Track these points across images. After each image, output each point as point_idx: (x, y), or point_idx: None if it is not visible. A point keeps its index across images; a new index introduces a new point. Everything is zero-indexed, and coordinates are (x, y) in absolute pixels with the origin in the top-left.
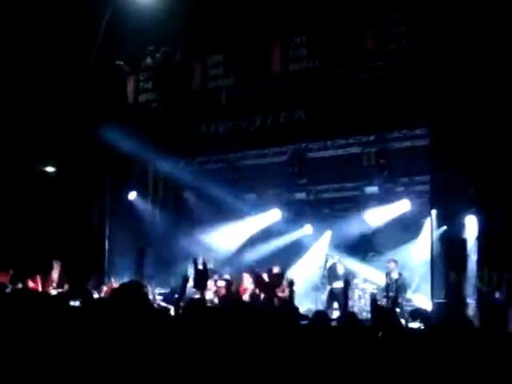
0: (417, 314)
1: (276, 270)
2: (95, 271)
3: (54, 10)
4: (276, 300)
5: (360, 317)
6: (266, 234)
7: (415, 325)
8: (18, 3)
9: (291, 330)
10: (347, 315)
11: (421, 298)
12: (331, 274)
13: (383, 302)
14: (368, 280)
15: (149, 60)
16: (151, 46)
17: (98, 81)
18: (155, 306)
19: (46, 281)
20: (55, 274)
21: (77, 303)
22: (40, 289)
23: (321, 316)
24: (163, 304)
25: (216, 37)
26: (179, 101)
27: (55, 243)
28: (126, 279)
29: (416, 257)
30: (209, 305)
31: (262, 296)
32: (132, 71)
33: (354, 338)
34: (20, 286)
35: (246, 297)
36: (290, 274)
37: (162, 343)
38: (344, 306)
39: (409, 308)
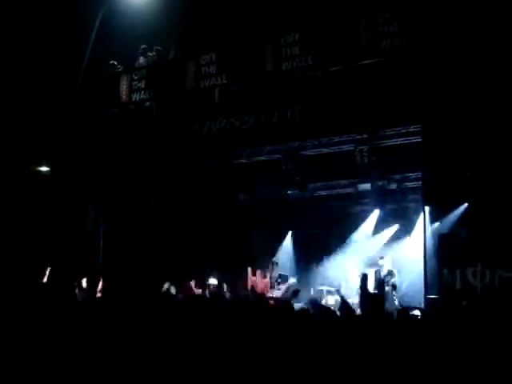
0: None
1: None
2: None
3: (47, 10)
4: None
5: None
6: None
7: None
8: (11, 3)
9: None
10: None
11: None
12: None
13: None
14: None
15: (142, 59)
16: (144, 44)
17: (91, 80)
18: None
19: None
20: None
21: None
22: None
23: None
24: None
25: (209, 35)
26: (172, 100)
27: (49, 242)
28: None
29: (409, 253)
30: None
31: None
32: (125, 70)
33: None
34: None
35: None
36: None
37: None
38: None
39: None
